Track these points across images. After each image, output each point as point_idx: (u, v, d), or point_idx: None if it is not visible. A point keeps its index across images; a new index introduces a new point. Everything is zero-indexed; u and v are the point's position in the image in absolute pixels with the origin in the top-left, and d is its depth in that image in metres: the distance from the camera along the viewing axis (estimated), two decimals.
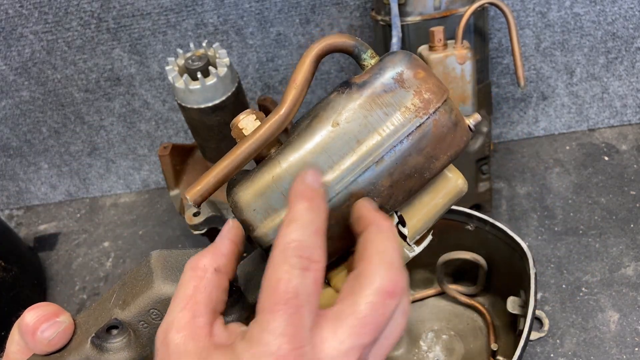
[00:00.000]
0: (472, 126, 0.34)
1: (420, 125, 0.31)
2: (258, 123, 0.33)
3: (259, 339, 0.26)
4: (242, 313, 0.34)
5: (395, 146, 0.31)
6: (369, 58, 0.33)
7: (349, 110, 0.31)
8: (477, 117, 0.35)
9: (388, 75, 0.31)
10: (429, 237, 0.37)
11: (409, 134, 0.31)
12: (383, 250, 0.29)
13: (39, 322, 0.33)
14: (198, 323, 0.28)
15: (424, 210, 0.35)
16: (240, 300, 0.34)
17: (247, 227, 0.33)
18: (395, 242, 0.30)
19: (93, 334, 0.32)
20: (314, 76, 0.31)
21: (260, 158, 0.33)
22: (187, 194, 0.32)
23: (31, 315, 0.33)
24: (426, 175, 0.32)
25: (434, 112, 0.31)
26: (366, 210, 0.31)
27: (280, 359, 0.26)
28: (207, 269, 0.30)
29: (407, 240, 0.35)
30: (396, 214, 0.35)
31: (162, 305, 0.32)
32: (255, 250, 0.36)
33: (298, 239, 0.28)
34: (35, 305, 0.34)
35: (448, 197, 0.36)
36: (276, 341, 0.26)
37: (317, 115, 0.32)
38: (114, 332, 0.32)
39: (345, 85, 0.32)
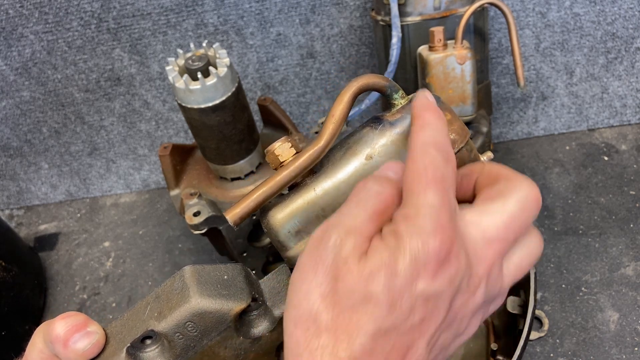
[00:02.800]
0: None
1: None
2: (293, 151, 0.35)
3: (414, 214, 0.28)
4: (268, 326, 0.36)
5: None
6: (399, 98, 0.36)
7: (381, 146, 0.34)
8: (490, 155, 0.39)
9: None
10: None
11: None
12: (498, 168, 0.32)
13: (70, 333, 0.33)
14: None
15: None
16: (266, 314, 0.36)
17: (281, 248, 0.35)
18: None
19: (128, 344, 0.33)
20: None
21: (293, 185, 0.36)
22: (227, 215, 0.35)
23: (62, 326, 0.33)
24: None
25: (457, 152, 0.34)
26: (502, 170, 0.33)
27: (440, 229, 0.27)
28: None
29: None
30: None
31: (198, 319, 0.33)
32: (282, 266, 0.38)
33: (435, 138, 0.30)
34: (64, 314, 0.34)
35: None
36: (435, 213, 0.27)
37: (351, 148, 0.35)
38: (148, 342, 0.34)
39: (378, 122, 0.35)
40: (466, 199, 0.33)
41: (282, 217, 0.35)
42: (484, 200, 0.31)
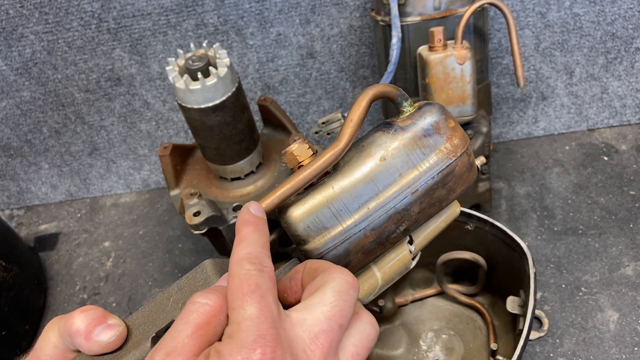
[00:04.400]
0: (479, 167, 0.41)
1: (449, 165, 0.38)
2: (310, 152, 0.39)
3: (236, 330, 0.28)
4: None
5: (428, 180, 0.37)
6: (408, 105, 0.39)
7: (394, 149, 0.37)
8: (483, 159, 0.42)
9: (428, 122, 0.38)
10: (419, 253, 0.44)
11: (440, 171, 0.37)
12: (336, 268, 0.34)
13: (91, 326, 0.33)
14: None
15: (428, 231, 0.42)
16: None
17: (299, 242, 0.38)
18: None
19: (154, 334, 0.34)
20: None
21: (310, 184, 0.39)
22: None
23: (81, 319, 0.34)
24: (444, 204, 0.39)
25: (460, 156, 0.38)
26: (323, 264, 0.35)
27: (260, 339, 0.28)
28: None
29: (411, 255, 0.42)
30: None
31: None
32: (293, 260, 0.40)
33: (249, 251, 0.32)
34: (82, 308, 0.35)
35: (447, 221, 0.43)
36: (253, 325, 0.28)
37: (365, 150, 0.38)
38: None
39: (390, 127, 0.38)
40: (298, 299, 0.34)
41: (301, 213, 0.37)
42: (306, 296, 0.32)
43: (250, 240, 0.33)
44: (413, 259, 0.43)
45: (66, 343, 0.34)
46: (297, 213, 0.37)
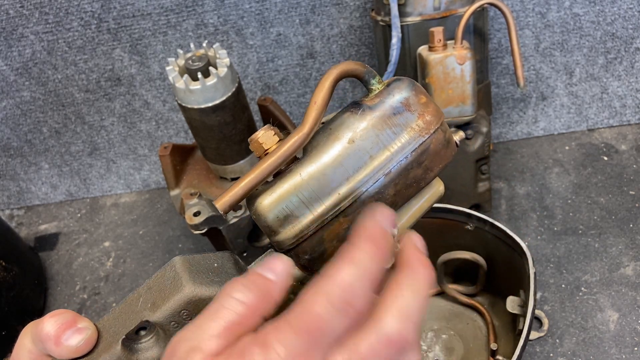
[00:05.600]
0: (457, 142, 0.40)
1: (422, 143, 0.36)
2: (277, 138, 0.37)
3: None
4: None
5: (401, 160, 0.35)
6: (376, 83, 0.37)
7: (363, 129, 0.35)
8: (462, 134, 0.41)
9: (397, 100, 0.36)
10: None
11: (413, 150, 0.36)
12: (406, 298, 0.29)
13: (61, 330, 0.33)
14: None
15: (410, 213, 0.40)
16: None
17: (270, 233, 0.36)
18: (424, 298, 0.30)
19: (124, 336, 0.33)
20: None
21: (277, 172, 0.37)
22: (216, 204, 0.35)
23: (51, 324, 0.33)
24: (422, 184, 0.37)
25: (434, 132, 0.36)
26: (411, 249, 0.32)
27: None
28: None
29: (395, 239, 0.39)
30: None
31: (192, 306, 0.34)
32: (269, 251, 0.39)
33: (349, 282, 0.28)
34: (52, 313, 0.34)
35: (431, 201, 0.40)
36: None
37: (333, 133, 0.36)
38: (142, 332, 0.34)
39: (357, 107, 0.36)
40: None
41: (269, 202, 0.35)
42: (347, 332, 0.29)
43: (360, 269, 0.28)
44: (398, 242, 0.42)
45: (39, 348, 0.34)
46: (266, 203, 0.36)
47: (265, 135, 0.37)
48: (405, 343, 0.28)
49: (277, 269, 0.31)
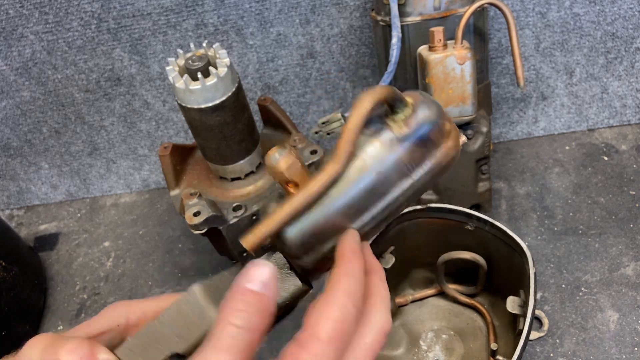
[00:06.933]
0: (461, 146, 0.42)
1: (442, 166, 0.38)
2: (302, 170, 0.36)
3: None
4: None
5: (420, 184, 0.38)
6: (403, 107, 0.37)
7: (391, 161, 0.36)
8: (464, 139, 0.41)
9: (425, 131, 0.37)
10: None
11: (433, 174, 0.38)
12: (385, 292, 0.35)
13: None
14: None
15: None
16: None
17: (295, 257, 0.37)
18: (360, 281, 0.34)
19: None
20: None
21: None
22: (245, 244, 0.34)
23: (69, 358, 0.31)
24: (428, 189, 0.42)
25: (453, 157, 0.38)
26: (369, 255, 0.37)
27: None
28: None
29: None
30: None
31: None
32: (237, 264, 0.39)
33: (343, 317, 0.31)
34: (67, 342, 0.32)
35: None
36: None
37: (361, 163, 0.36)
38: None
39: (386, 134, 0.36)
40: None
41: (297, 231, 0.36)
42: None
43: (350, 293, 0.32)
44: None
45: None
46: (294, 232, 0.36)
47: (285, 162, 0.35)
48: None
49: (264, 280, 0.30)
